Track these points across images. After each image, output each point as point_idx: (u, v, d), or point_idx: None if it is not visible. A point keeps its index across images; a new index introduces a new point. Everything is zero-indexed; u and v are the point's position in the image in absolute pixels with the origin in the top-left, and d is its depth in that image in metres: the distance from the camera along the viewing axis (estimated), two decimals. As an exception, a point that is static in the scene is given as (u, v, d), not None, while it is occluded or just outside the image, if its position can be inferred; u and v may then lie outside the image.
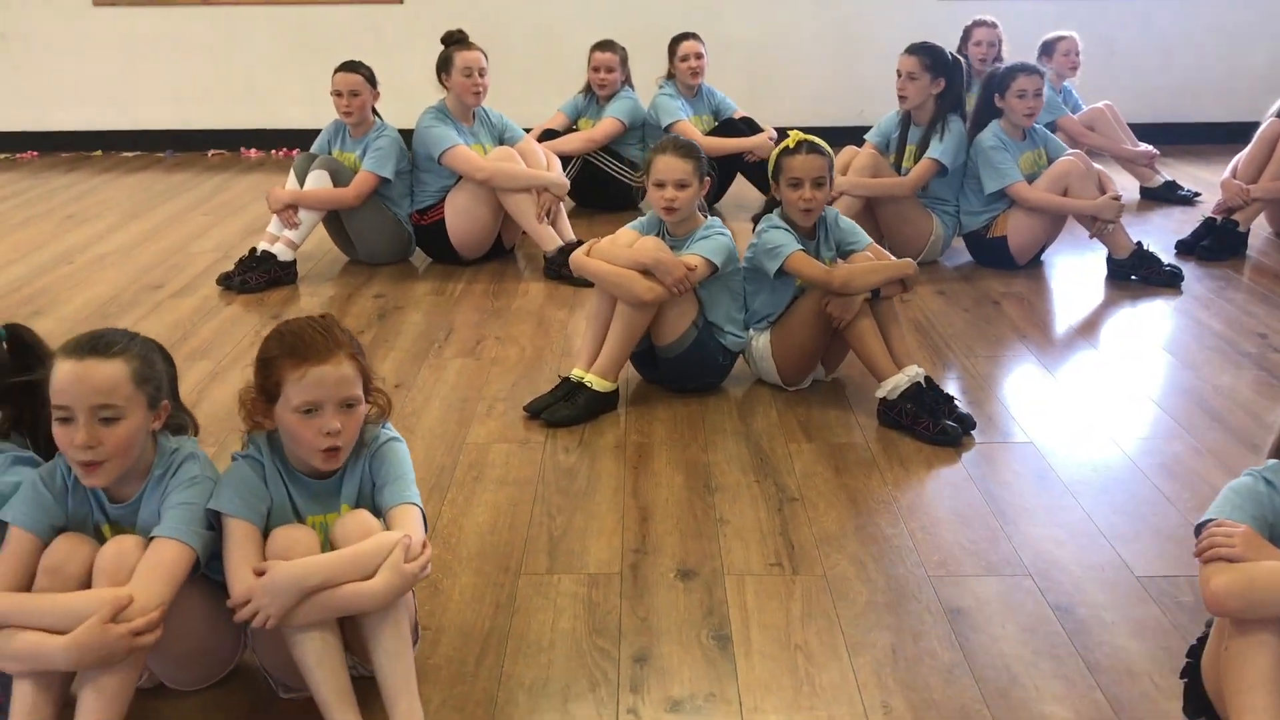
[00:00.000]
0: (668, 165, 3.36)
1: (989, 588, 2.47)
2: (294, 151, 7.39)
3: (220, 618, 1.96)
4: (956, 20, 5.97)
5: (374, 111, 4.76)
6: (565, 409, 3.32)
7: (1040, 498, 2.87)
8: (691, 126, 5.58)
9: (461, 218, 4.76)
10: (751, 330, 3.55)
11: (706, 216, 3.50)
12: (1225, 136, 6.76)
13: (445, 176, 4.77)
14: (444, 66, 4.76)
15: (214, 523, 1.98)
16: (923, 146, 4.72)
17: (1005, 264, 4.75)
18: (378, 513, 2.04)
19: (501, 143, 4.90)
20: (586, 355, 3.41)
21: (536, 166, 4.76)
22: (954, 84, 4.69)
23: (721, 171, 5.70)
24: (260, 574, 1.90)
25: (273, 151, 7.47)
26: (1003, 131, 4.69)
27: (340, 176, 4.66)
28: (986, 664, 2.21)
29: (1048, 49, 5.91)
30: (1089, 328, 4.20)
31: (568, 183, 4.78)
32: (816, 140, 3.43)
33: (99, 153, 7.50)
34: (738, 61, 7.05)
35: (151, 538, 1.93)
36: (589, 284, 4.45)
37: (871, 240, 3.53)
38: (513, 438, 3.24)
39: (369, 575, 1.91)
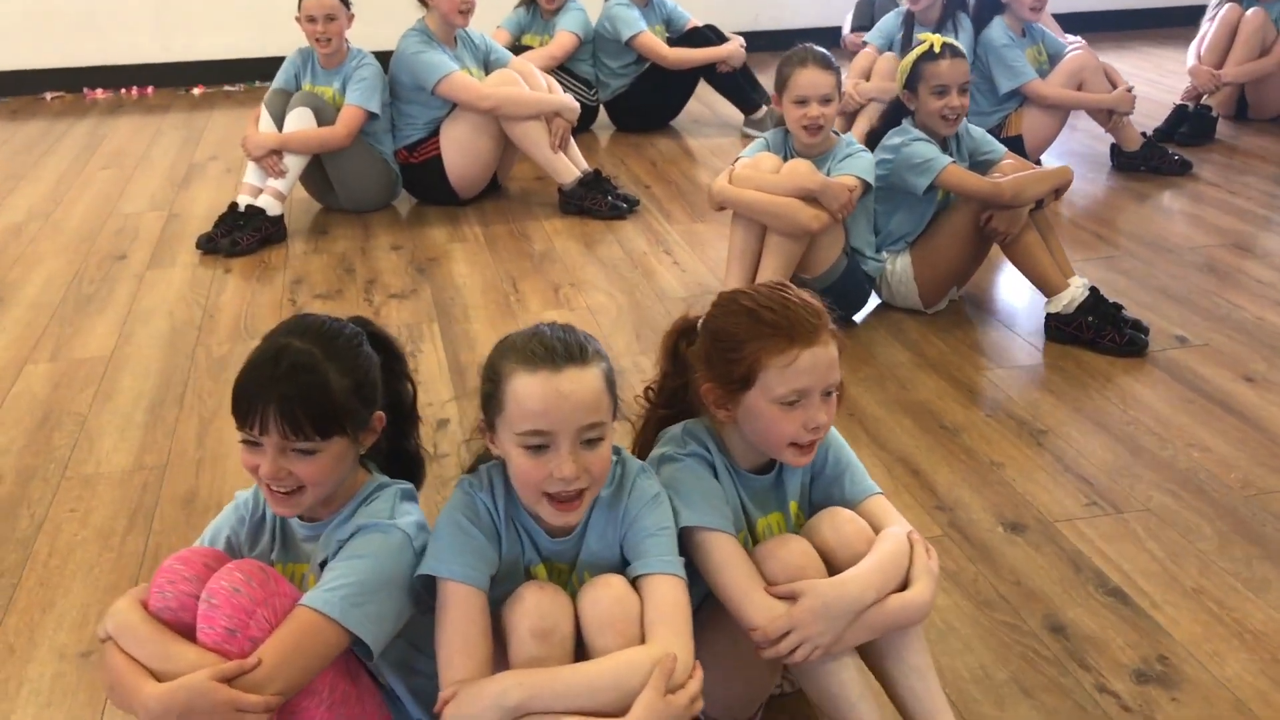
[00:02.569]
0: (811, 80, 3.05)
1: (1315, 501, 2.39)
2: (147, 90, 6.51)
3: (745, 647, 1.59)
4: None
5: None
6: (732, 358, 3.00)
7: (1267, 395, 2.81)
8: (654, 38, 5.21)
9: (461, 152, 4.26)
10: (885, 253, 3.32)
11: (837, 135, 3.22)
12: (1151, 22, 6.97)
13: (435, 107, 4.24)
14: (427, -18, 4.20)
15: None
16: (932, 47, 4.55)
17: (1018, 164, 4.69)
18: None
19: (487, 66, 4.41)
20: (737, 296, 3.09)
21: (538, 90, 4.30)
22: (963, -21, 4.54)
23: (680, 86, 5.37)
24: (785, 598, 1.55)
25: (123, 90, 6.52)
26: (1007, 26, 4.59)
27: (324, 114, 4.06)
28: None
29: None
30: (1158, 222, 4.19)
31: (579, 106, 4.34)
32: (955, 43, 3.20)
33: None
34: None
35: (639, 575, 1.54)
36: (621, 216, 4.17)
37: (1005, 148, 3.35)
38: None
39: (903, 585, 1.60)
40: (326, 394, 1.50)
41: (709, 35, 5.26)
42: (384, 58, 4.28)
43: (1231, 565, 2.19)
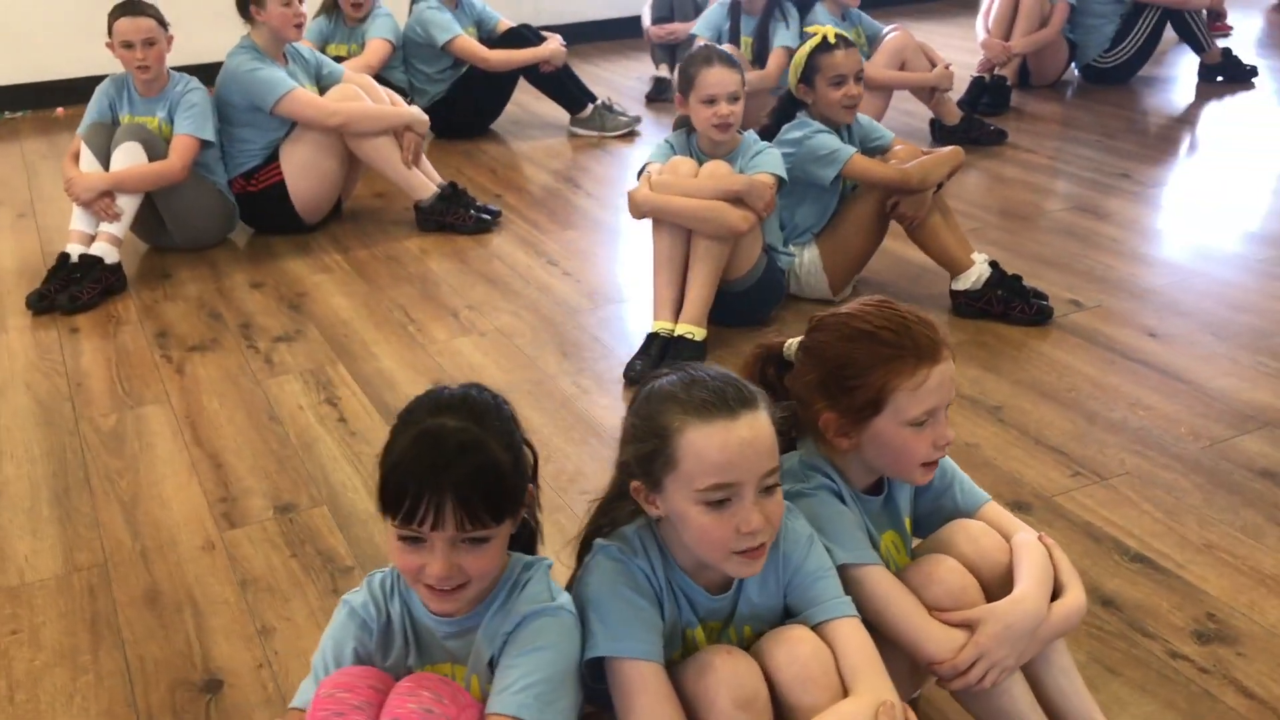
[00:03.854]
0: (719, 78, 3.01)
1: (1261, 440, 2.57)
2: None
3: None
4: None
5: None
6: (675, 367, 2.94)
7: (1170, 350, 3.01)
8: (472, 41, 5.03)
9: (305, 176, 3.97)
10: (792, 246, 3.34)
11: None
12: None
13: (272, 130, 3.94)
14: (254, -7, 3.88)
15: None
16: (761, 36, 4.63)
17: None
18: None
19: (319, 82, 4.13)
20: (669, 305, 3.03)
21: (381, 104, 4.07)
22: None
23: (500, 89, 5.22)
24: (961, 625, 1.52)
25: None
26: (828, 11, 4.72)
27: (154, 148, 3.69)
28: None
29: None
30: (999, 192, 4.40)
31: (428, 119, 4.13)
32: (845, 34, 3.25)
33: None
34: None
35: (821, 623, 1.46)
36: (486, 229, 4.02)
37: (892, 134, 3.43)
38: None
39: (1057, 592, 1.60)
40: (499, 474, 1.34)
41: (527, 35, 5.13)
42: (198, 71, 3.93)
43: (1223, 516, 2.33)
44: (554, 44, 5.10)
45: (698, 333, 2.99)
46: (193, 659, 2.05)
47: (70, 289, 3.49)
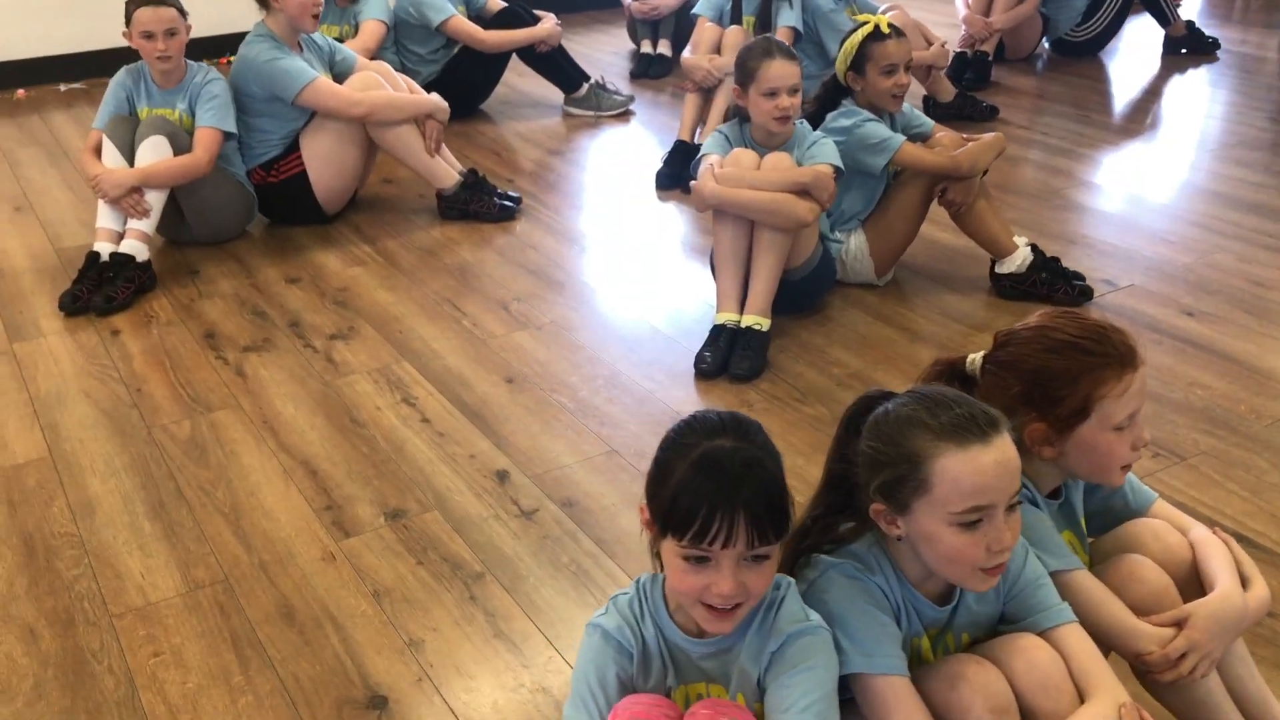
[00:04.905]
0: (781, 71, 3.05)
1: None
2: None
3: None
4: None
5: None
6: (746, 360, 2.99)
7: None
8: (467, 22, 4.97)
9: (327, 165, 3.91)
10: (838, 232, 3.40)
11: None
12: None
13: (291, 120, 3.87)
14: (269, -18, 3.79)
15: None
16: (763, 16, 4.65)
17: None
18: None
19: (333, 69, 4.05)
20: (734, 296, 3.08)
21: (400, 91, 4.01)
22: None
23: (493, 69, 5.18)
24: (1173, 624, 1.61)
25: None
26: (827, -10, 4.76)
27: (178, 140, 3.60)
28: None
29: None
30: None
31: (448, 106, 4.08)
32: (895, 24, 3.30)
33: None
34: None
35: (1047, 629, 1.54)
36: (511, 216, 4.01)
37: (932, 121, 3.49)
38: (727, 397, 2.88)
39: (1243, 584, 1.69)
40: (780, 491, 1.39)
41: (522, 14, 5.09)
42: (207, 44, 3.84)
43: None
44: (549, 24, 5.07)
45: (764, 323, 3.05)
46: (348, 676, 2.05)
47: (104, 289, 3.41)
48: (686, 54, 4.64)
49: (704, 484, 1.36)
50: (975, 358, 1.76)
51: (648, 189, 4.33)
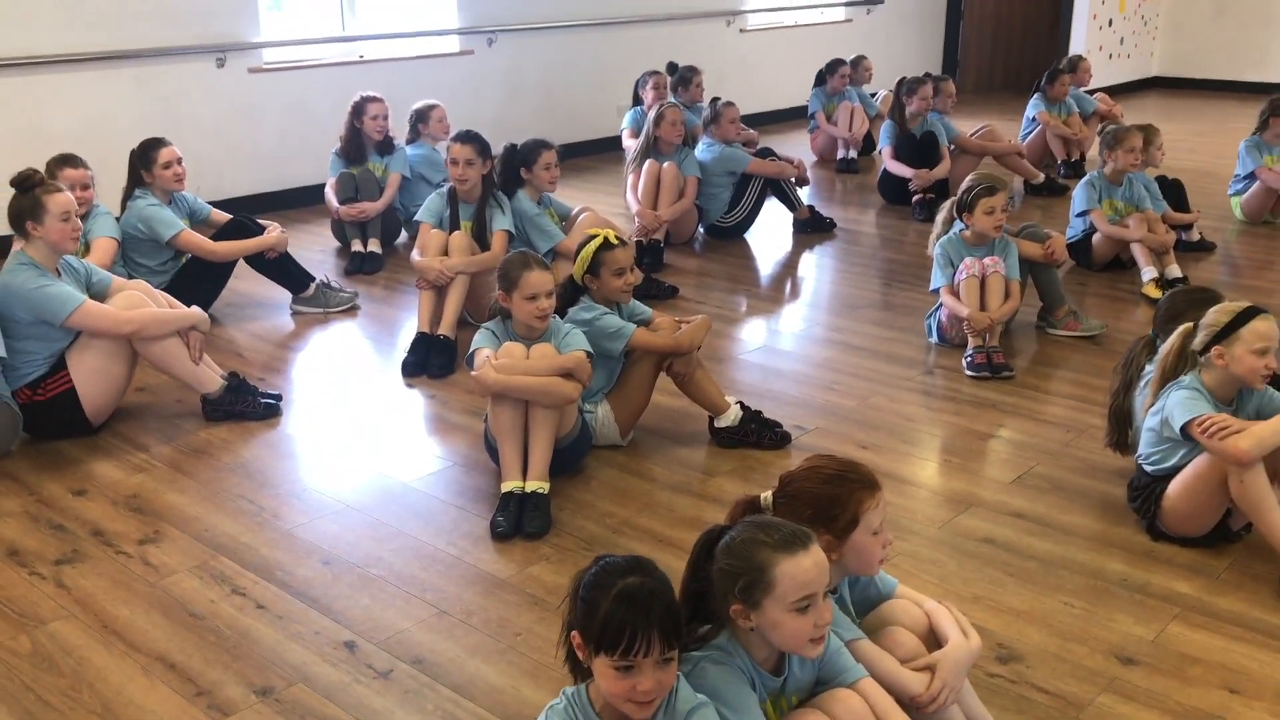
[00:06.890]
0: (539, 279, 3.68)
1: (973, 517, 3.59)
2: None
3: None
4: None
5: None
6: (536, 520, 3.51)
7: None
8: (196, 235, 5.30)
9: (97, 381, 4.12)
10: (587, 404, 4.03)
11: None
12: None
13: (56, 340, 4.07)
14: (32, 212, 4.01)
15: None
16: (479, 221, 5.30)
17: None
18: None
19: (89, 290, 4.28)
20: (517, 466, 3.60)
21: (162, 307, 4.30)
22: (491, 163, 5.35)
23: (218, 276, 5.49)
24: (924, 669, 2.27)
25: None
26: (527, 196, 5.50)
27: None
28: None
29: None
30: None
31: (208, 317, 4.38)
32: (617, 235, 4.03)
33: None
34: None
35: (850, 683, 2.16)
36: (276, 414, 4.36)
37: (650, 308, 4.23)
38: (526, 553, 3.37)
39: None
40: (676, 609, 1.94)
41: (248, 225, 5.47)
42: None
43: (974, 575, 3.28)
44: (275, 232, 5.48)
45: (545, 486, 3.59)
46: (272, 830, 2.35)
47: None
48: (415, 256, 5.18)
49: (626, 613, 1.89)
50: (766, 495, 2.41)
51: (394, 376, 4.80)
